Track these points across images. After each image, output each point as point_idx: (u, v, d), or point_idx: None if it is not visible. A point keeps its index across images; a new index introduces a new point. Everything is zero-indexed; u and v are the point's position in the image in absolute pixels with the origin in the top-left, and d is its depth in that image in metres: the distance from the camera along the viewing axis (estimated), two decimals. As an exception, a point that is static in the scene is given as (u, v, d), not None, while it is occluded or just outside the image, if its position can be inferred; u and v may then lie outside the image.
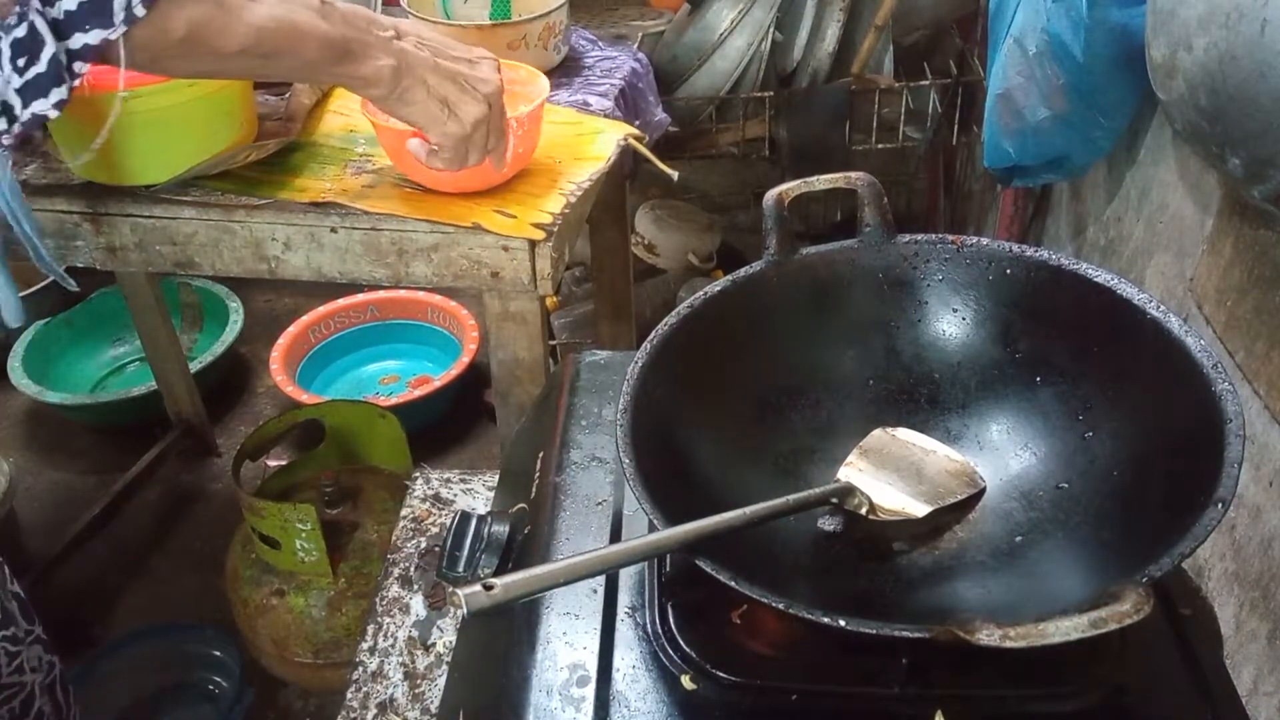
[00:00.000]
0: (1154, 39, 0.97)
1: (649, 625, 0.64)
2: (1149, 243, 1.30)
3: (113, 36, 0.68)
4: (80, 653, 1.64)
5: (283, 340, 2.26)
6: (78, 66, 0.68)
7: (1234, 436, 0.57)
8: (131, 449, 2.08)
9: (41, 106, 0.67)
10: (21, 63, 0.65)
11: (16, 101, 0.66)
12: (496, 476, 1.00)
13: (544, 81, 1.15)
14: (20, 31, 0.65)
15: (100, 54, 0.69)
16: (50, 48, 0.65)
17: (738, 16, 1.77)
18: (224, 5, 0.74)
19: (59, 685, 0.95)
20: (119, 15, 0.67)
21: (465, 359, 2.18)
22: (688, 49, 1.81)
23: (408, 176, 1.14)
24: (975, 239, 0.74)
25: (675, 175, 1.26)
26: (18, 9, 0.64)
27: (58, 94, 0.67)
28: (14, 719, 0.89)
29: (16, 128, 0.67)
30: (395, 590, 1.02)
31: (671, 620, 0.63)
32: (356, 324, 2.38)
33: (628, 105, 1.43)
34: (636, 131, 1.29)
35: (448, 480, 1.16)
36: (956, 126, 1.92)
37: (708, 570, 0.55)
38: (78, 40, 0.67)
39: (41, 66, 0.66)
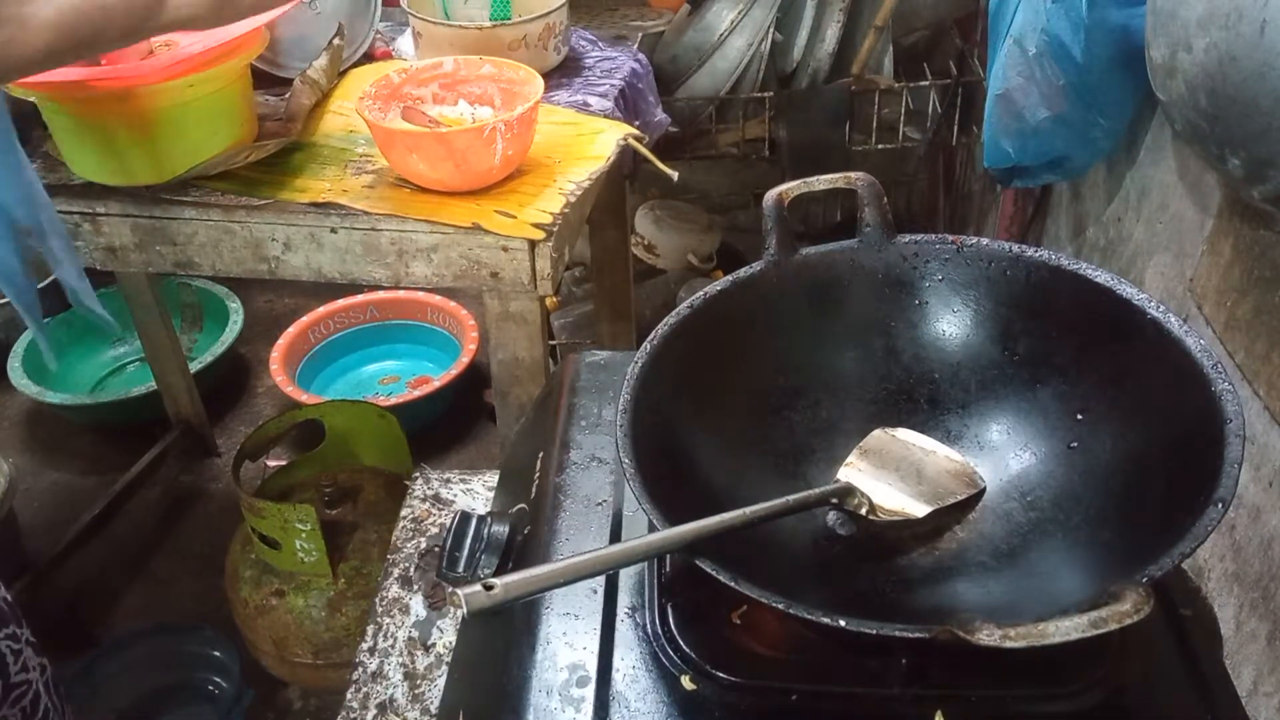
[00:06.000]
0: (1154, 40, 0.97)
1: (649, 625, 0.64)
2: (1149, 243, 1.30)
3: None
4: (80, 653, 1.64)
5: (283, 340, 2.26)
6: None
7: (1234, 436, 0.57)
8: (131, 449, 2.08)
9: None
10: None
11: None
12: (496, 476, 1.00)
13: (539, 83, 1.15)
14: None
15: None
16: None
17: (738, 17, 1.77)
18: (6, 20, 0.71)
19: (52, 686, 0.95)
20: None
21: (465, 359, 2.18)
22: (688, 49, 1.81)
23: (405, 177, 1.15)
24: (975, 239, 0.74)
25: (675, 175, 1.26)
26: None
27: None
28: (26, 717, 0.89)
29: None
30: (395, 590, 1.02)
31: (671, 620, 0.63)
32: (356, 324, 2.38)
33: (628, 106, 1.43)
34: (636, 131, 1.29)
35: (448, 480, 1.16)
36: (956, 127, 1.92)
37: (708, 570, 0.55)
38: None
39: None
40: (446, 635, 0.98)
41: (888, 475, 0.69)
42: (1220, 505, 0.54)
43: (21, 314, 0.99)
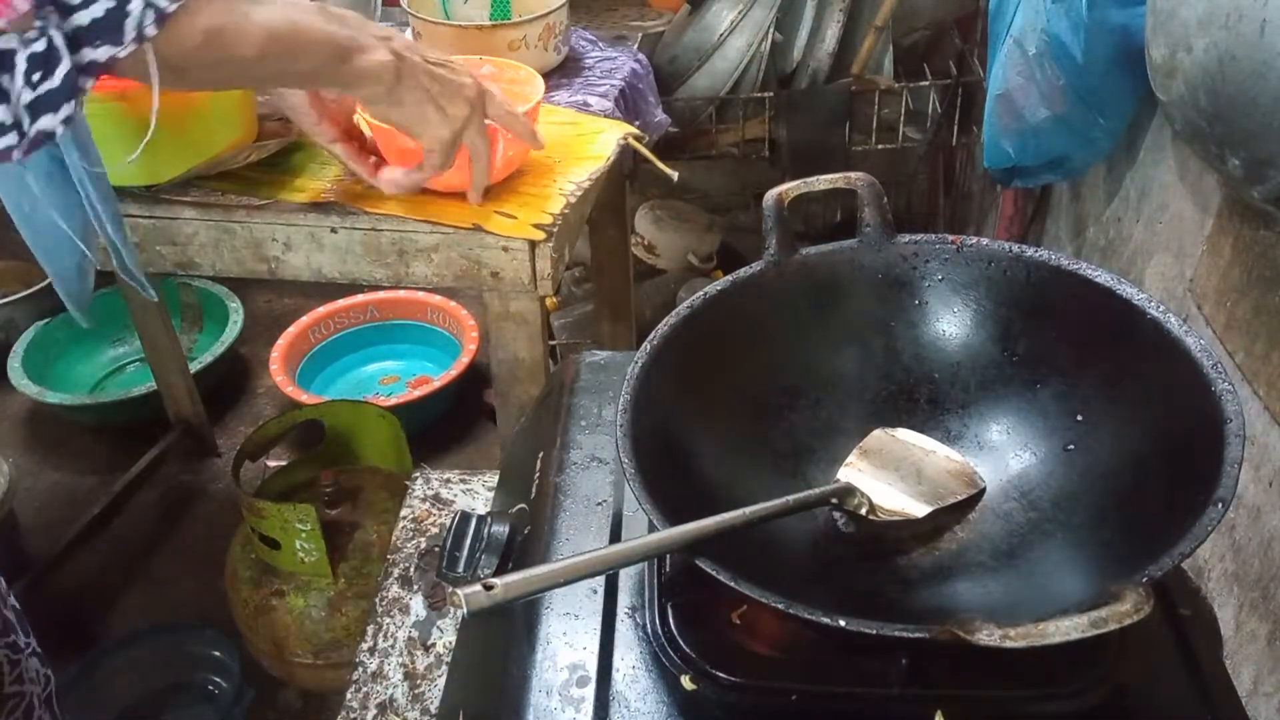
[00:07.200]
0: (1154, 39, 0.97)
1: (649, 625, 0.64)
2: (1149, 243, 1.30)
3: (121, 54, 0.67)
4: (80, 653, 1.64)
5: (283, 340, 2.26)
6: (83, 82, 0.67)
7: (1234, 436, 0.57)
8: (131, 449, 2.08)
9: (48, 123, 0.65)
10: (36, 77, 0.64)
11: (25, 117, 0.64)
12: (496, 476, 1.00)
13: (539, 83, 1.15)
14: (39, 46, 0.63)
15: (107, 70, 0.68)
16: (65, 64, 0.64)
17: (738, 17, 1.77)
18: (235, 11, 0.74)
19: (54, 699, 0.95)
20: (129, 34, 0.66)
21: (465, 359, 2.18)
22: (688, 49, 1.81)
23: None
24: (975, 239, 0.74)
25: (675, 176, 1.26)
26: (38, 24, 0.63)
27: (66, 110, 0.66)
28: None
29: (25, 143, 0.65)
30: (395, 590, 1.02)
31: (671, 620, 0.63)
32: (356, 324, 2.38)
33: (628, 106, 1.43)
34: (636, 131, 1.29)
35: (448, 480, 1.16)
36: (956, 127, 1.92)
37: (708, 570, 0.55)
38: (85, 55, 0.66)
39: (55, 81, 0.65)
40: (446, 635, 0.98)
41: (888, 475, 0.69)
42: (1220, 505, 0.54)
43: (71, 310, 1.00)
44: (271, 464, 1.86)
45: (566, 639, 0.64)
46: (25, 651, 0.90)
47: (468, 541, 0.72)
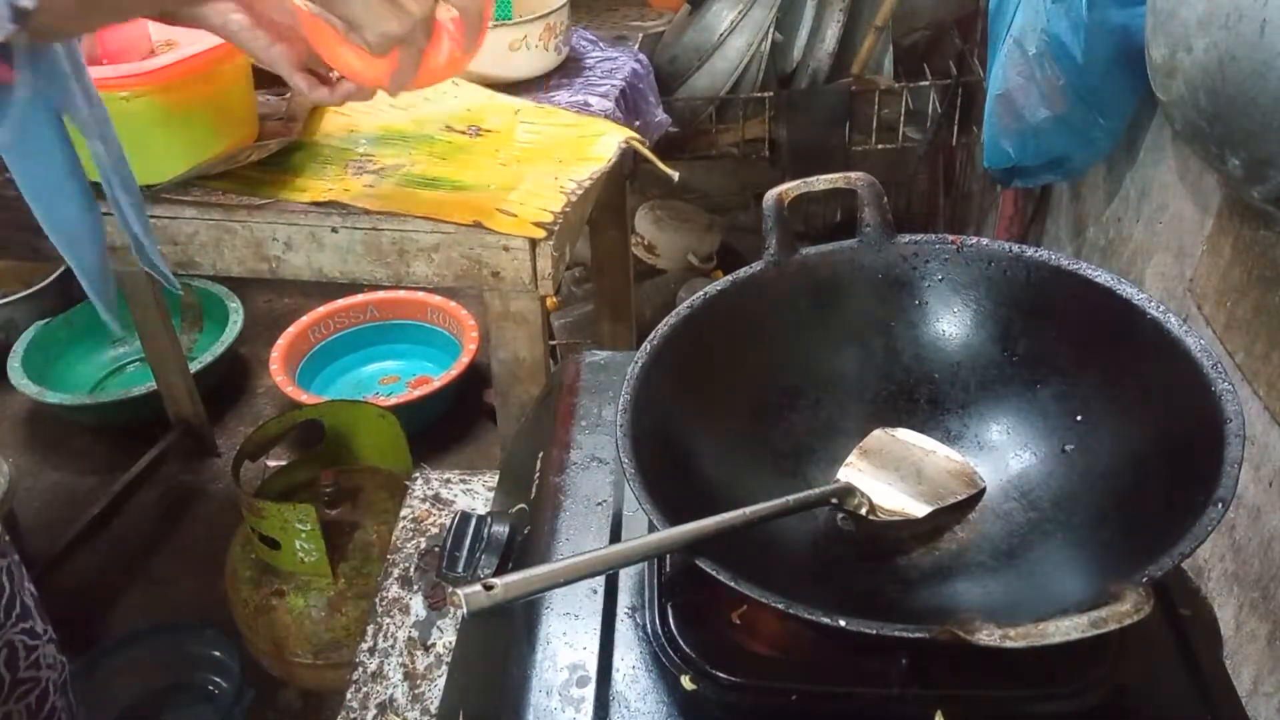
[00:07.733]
0: (1154, 39, 0.97)
1: (649, 625, 0.64)
2: (1149, 243, 1.30)
3: (1, 38, 0.62)
4: (80, 653, 1.64)
5: (282, 340, 2.27)
6: None
7: (1234, 436, 0.57)
8: (131, 449, 2.08)
9: None
10: None
11: None
12: (496, 476, 1.00)
13: None
14: None
15: None
16: None
17: (738, 17, 1.77)
18: None
19: (69, 685, 0.95)
20: (5, 15, 0.61)
21: (465, 359, 2.18)
22: (688, 49, 1.81)
23: (339, 71, 1.05)
24: (975, 239, 0.74)
25: (675, 176, 1.26)
26: None
27: None
28: (30, 714, 0.89)
29: None
30: (395, 590, 1.03)
31: (671, 620, 0.63)
32: (356, 324, 2.38)
33: (628, 106, 1.43)
34: (637, 136, 1.29)
35: (448, 480, 1.16)
36: (956, 127, 1.92)
37: (708, 570, 0.55)
38: None
39: None
40: (446, 635, 0.98)
41: (888, 475, 0.69)
42: (1220, 505, 0.54)
43: (102, 313, 0.96)
44: (271, 464, 1.86)
45: (566, 639, 0.64)
46: (43, 638, 0.90)
47: (468, 541, 0.72)
